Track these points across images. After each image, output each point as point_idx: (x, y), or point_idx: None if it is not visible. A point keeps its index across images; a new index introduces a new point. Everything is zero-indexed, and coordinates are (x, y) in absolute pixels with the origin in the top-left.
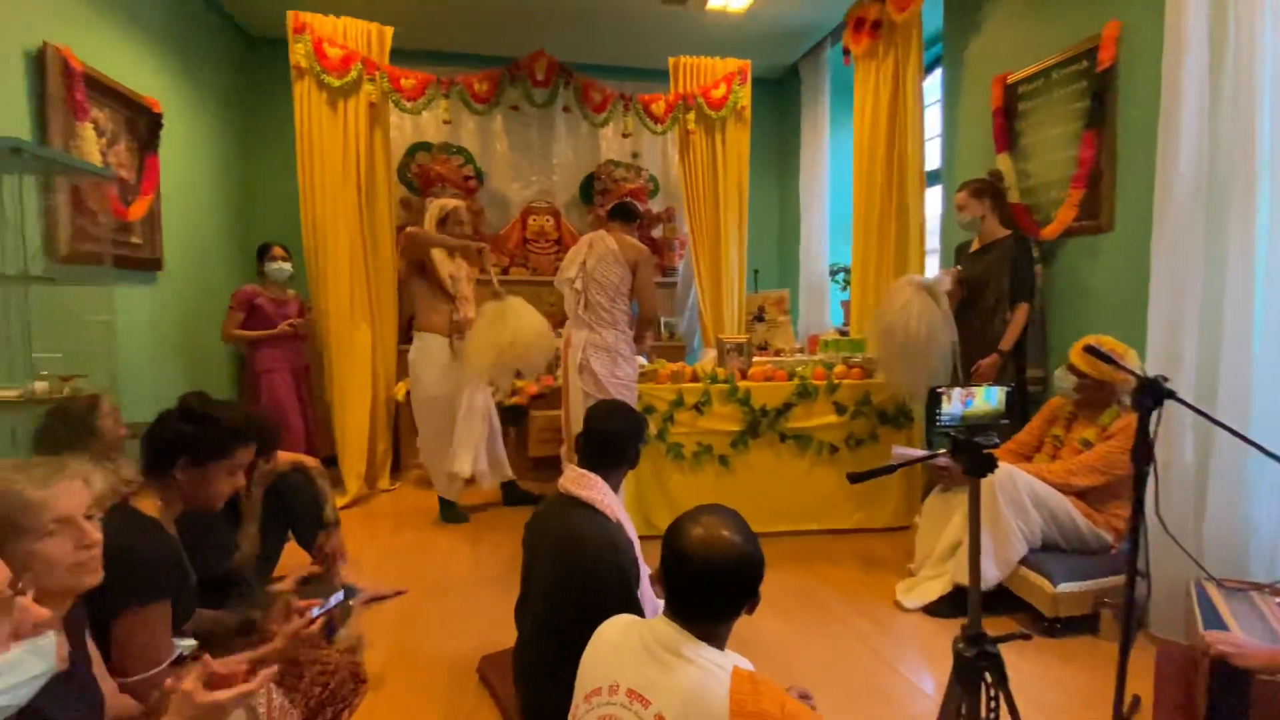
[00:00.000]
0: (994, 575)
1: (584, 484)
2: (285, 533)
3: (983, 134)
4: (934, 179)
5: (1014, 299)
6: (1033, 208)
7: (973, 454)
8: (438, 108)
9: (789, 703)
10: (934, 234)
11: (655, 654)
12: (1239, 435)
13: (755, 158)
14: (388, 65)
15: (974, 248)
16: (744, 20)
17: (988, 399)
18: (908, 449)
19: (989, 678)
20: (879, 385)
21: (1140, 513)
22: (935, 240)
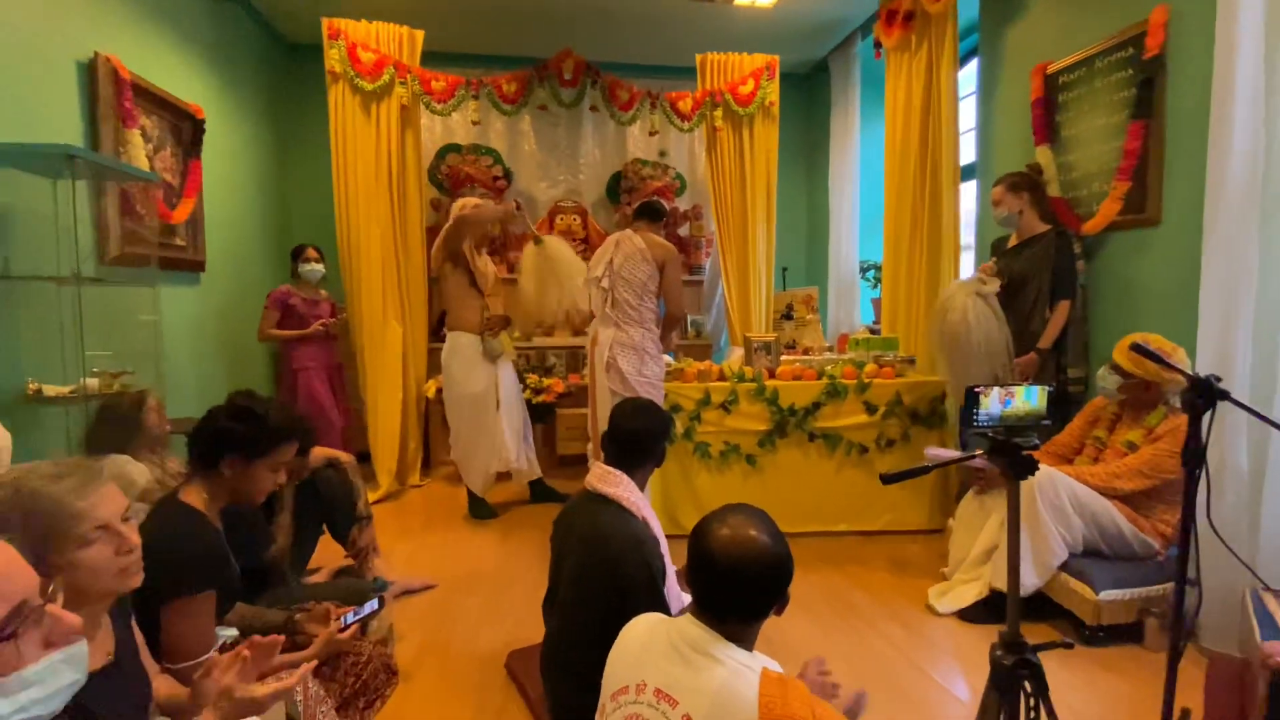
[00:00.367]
0: (1032, 581)
1: (610, 481)
2: (320, 526)
3: (1020, 126)
4: (968, 173)
5: (1055, 296)
6: (1074, 201)
7: (1012, 455)
8: (467, 109)
9: (819, 706)
10: (968, 230)
11: (683, 654)
12: None
13: (783, 154)
14: (419, 68)
15: (1012, 243)
16: (772, 15)
17: (1027, 398)
18: (942, 450)
19: (1028, 686)
20: (911, 384)
21: (1191, 518)
22: (970, 236)
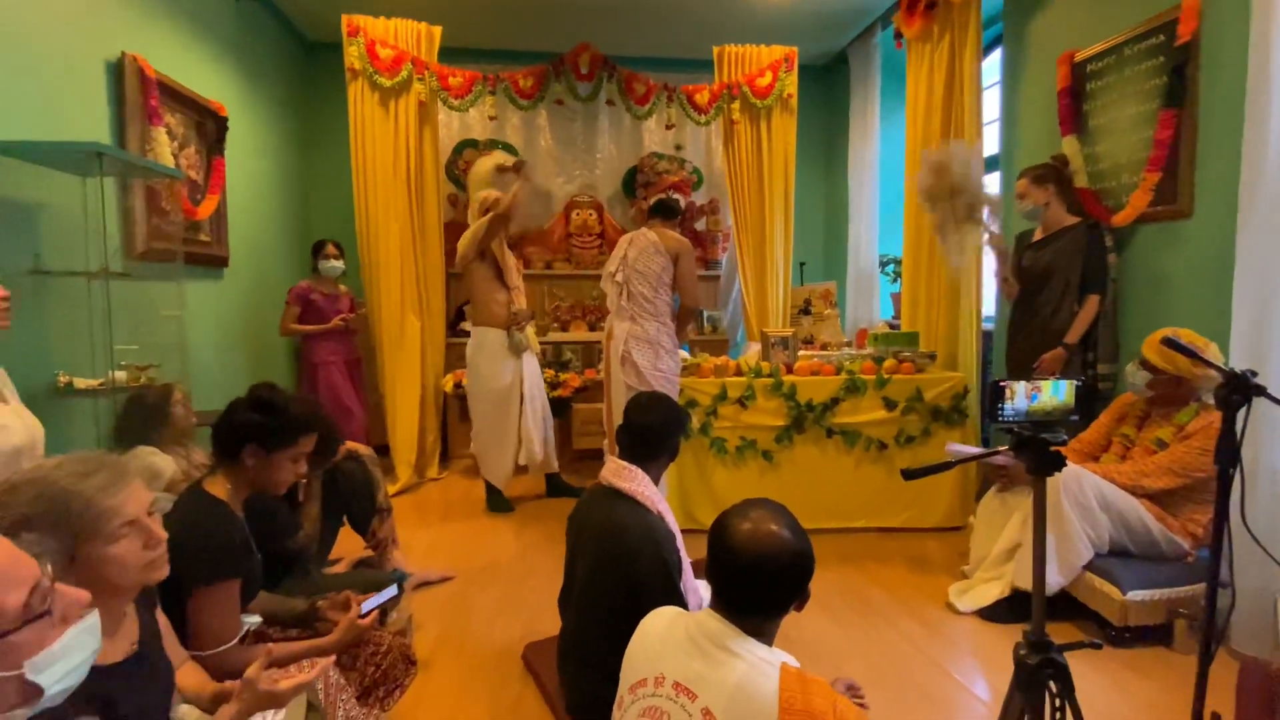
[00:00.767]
0: (1056, 581)
1: (625, 476)
2: (341, 517)
3: (1046, 116)
4: (992, 165)
5: (1084, 290)
6: (1102, 193)
7: (1038, 451)
8: (484, 104)
9: (840, 702)
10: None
11: (702, 647)
12: None
13: (802, 147)
14: (436, 64)
15: (1037, 236)
16: (790, 6)
17: (1055, 393)
18: (963, 446)
19: (1054, 687)
20: (932, 380)
21: (1224, 518)
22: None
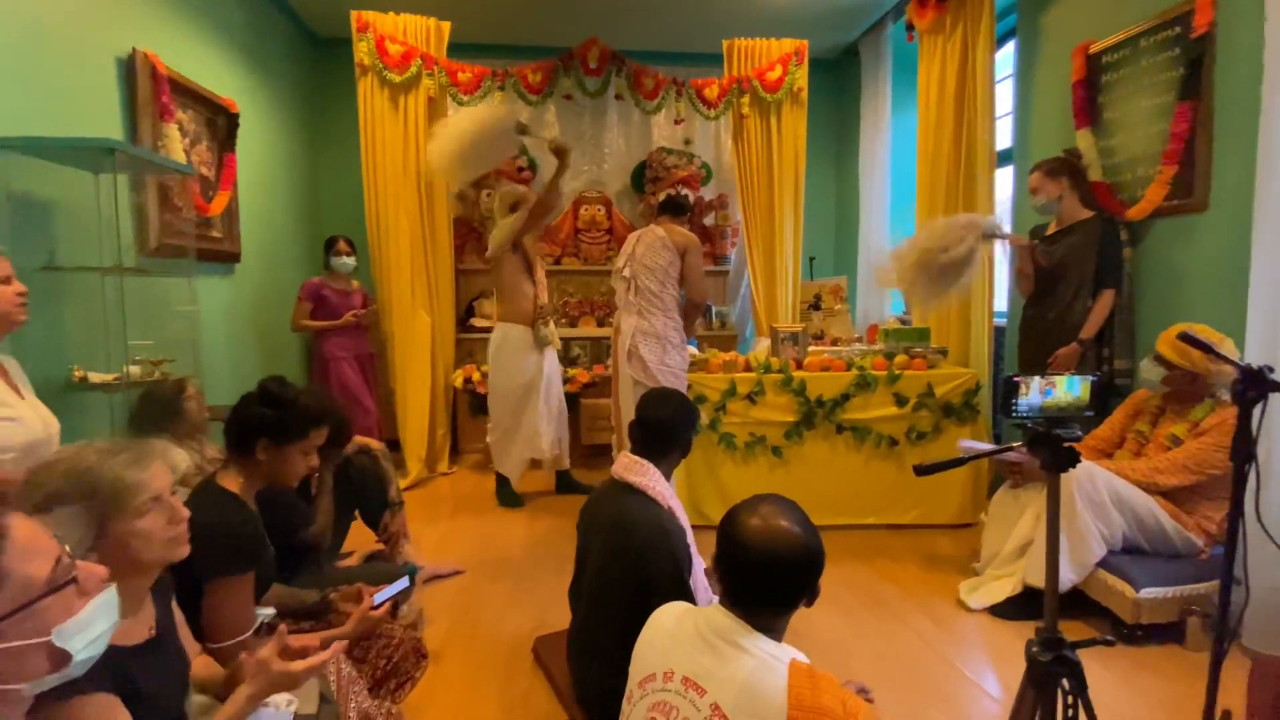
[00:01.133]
0: (1069, 578)
1: (637, 470)
2: (352, 511)
3: (1060, 109)
4: (1004, 159)
5: (1099, 284)
6: (1117, 187)
7: (1053, 447)
8: (493, 100)
9: (850, 699)
10: (1004, 217)
11: (711, 643)
12: None
13: (812, 141)
14: (445, 60)
15: (1051, 230)
16: None
17: (1069, 389)
18: (975, 442)
19: (1066, 684)
20: (943, 376)
21: (1239, 515)
22: (1006, 223)
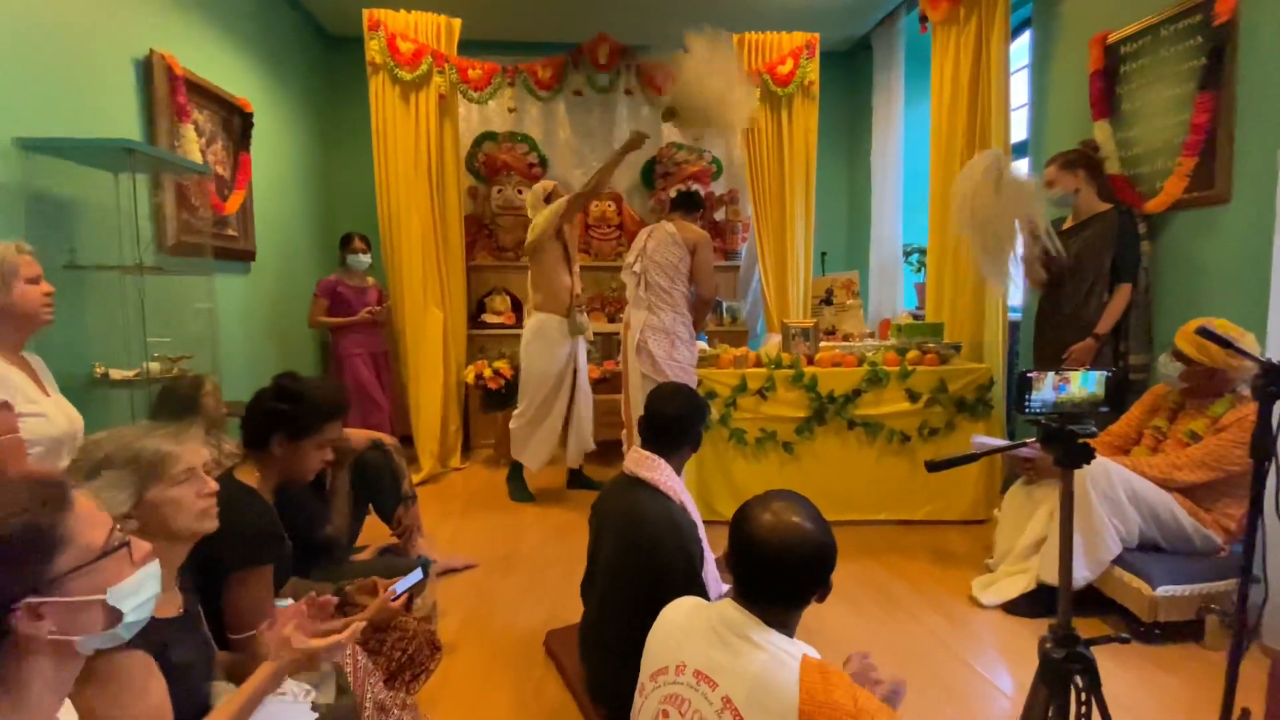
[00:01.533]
0: (1084, 575)
1: (647, 465)
2: (366, 506)
3: (1076, 101)
4: (1020, 151)
5: (1115, 278)
6: (1136, 179)
7: (1067, 443)
8: (503, 96)
9: (861, 694)
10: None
11: (723, 637)
12: None
13: (823, 135)
14: (456, 57)
15: (1068, 224)
16: None
17: (1084, 384)
18: (988, 438)
19: (1080, 681)
20: (956, 372)
21: (1259, 512)
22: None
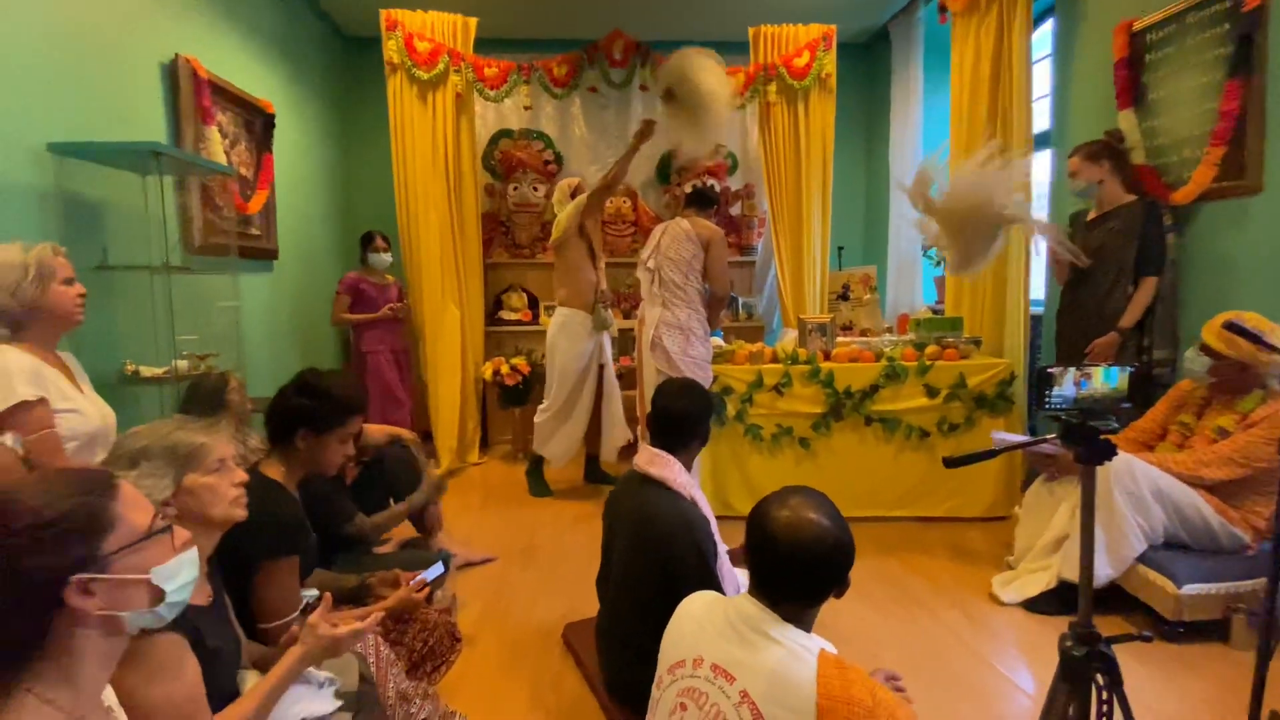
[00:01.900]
0: (1106, 573)
1: (657, 463)
2: (387, 500)
3: (1101, 90)
4: (1042, 142)
5: (1140, 271)
6: (1162, 169)
7: (1088, 439)
8: (519, 94)
9: (879, 689)
10: (1042, 202)
11: (740, 632)
12: None
13: (841, 128)
14: (472, 55)
15: (1091, 216)
16: None
17: (1106, 380)
18: (1008, 434)
19: (1101, 679)
20: (976, 367)
21: None
22: (1045, 209)
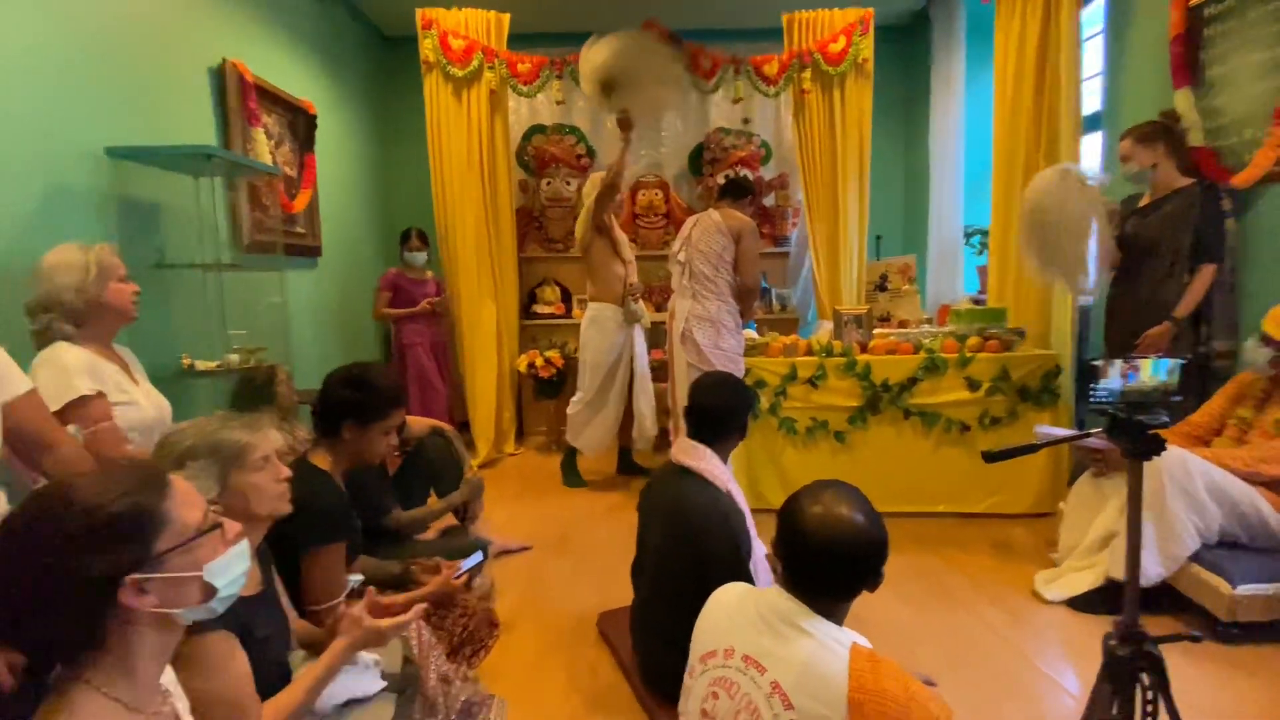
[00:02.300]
0: (1156, 572)
1: (694, 455)
2: (428, 490)
3: (1155, 68)
4: (1092, 125)
5: (1197, 259)
6: (1221, 151)
7: (1135, 434)
8: (551, 89)
9: (912, 683)
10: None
11: (771, 624)
12: None
13: (878, 114)
14: (505, 51)
15: (1144, 201)
16: None
17: (1155, 372)
18: (1053, 428)
19: (1146, 679)
20: (1020, 359)
21: None
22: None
